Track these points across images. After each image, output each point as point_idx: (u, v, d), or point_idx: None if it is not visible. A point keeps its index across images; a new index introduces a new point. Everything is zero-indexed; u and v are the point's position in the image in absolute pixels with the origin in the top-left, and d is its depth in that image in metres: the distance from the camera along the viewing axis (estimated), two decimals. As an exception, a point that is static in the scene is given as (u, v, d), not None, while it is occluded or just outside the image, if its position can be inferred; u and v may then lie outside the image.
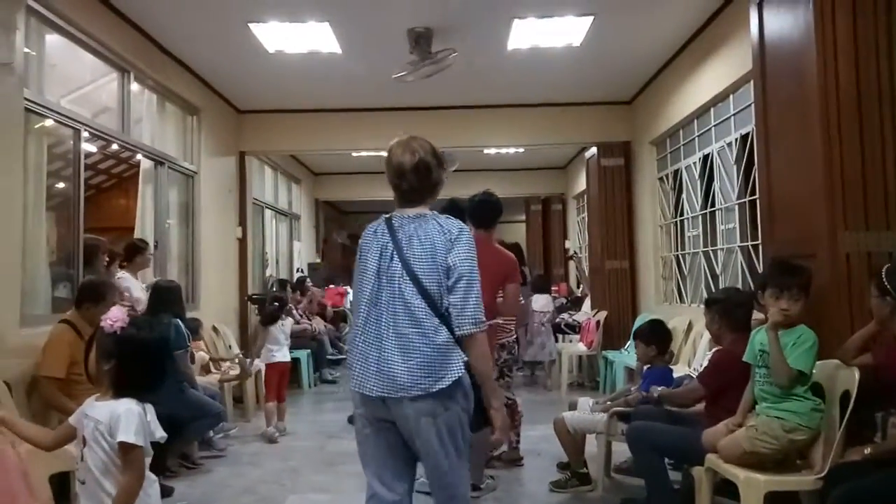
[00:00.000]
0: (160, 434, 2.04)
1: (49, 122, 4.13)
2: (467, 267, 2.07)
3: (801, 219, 3.02)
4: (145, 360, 2.05)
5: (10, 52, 3.42)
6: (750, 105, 4.71)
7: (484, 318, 2.09)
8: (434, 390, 2.00)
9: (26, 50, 3.76)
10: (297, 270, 10.00)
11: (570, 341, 7.44)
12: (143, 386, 2.03)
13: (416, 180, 2.17)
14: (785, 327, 2.59)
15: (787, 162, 3.13)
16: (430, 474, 2.10)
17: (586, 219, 8.75)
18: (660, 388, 3.40)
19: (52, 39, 4.26)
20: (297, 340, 6.46)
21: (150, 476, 2.04)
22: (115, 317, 2.05)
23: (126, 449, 1.91)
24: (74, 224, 4.34)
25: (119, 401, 1.96)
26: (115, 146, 6.90)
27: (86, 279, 3.97)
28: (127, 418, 1.92)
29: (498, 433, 2.17)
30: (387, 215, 2.22)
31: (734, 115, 5.05)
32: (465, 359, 2.05)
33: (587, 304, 7.86)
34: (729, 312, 3.10)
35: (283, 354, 5.25)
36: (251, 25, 4.93)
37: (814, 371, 2.58)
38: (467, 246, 2.10)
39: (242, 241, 7.33)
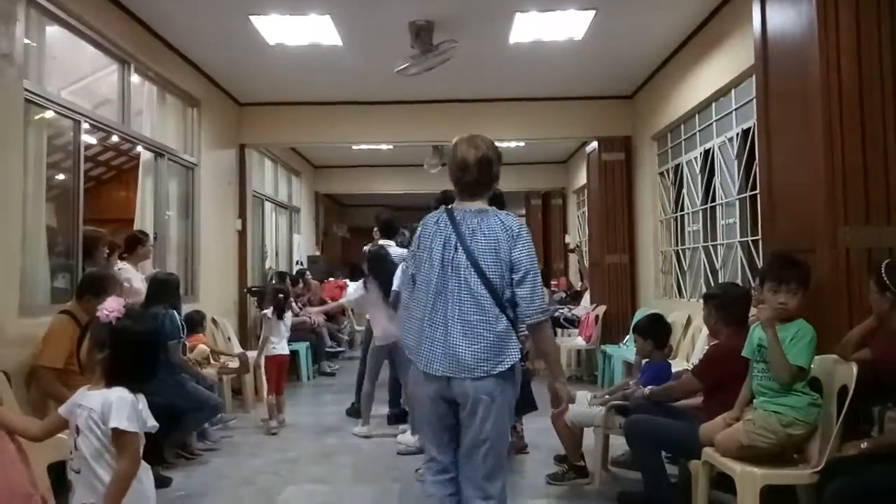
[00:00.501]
0: (152, 423, 2.06)
1: (49, 114, 4.12)
2: (531, 262, 2.30)
3: (802, 214, 3.02)
4: (138, 351, 2.08)
5: (10, 44, 3.41)
6: (752, 100, 4.70)
7: (548, 307, 2.34)
8: (494, 372, 2.24)
9: (26, 41, 3.75)
10: (297, 263, 10.01)
11: (569, 335, 7.46)
12: (135, 376, 2.06)
13: (479, 173, 2.36)
14: (783, 321, 2.59)
15: (788, 156, 3.13)
16: (471, 447, 2.28)
17: (586, 213, 8.75)
18: (647, 389, 3.39)
19: (52, 31, 4.24)
20: (296, 333, 6.45)
21: (144, 464, 2.06)
22: (110, 307, 2.07)
23: (118, 434, 1.95)
24: (74, 215, 4.34)
25: (111, 389, 1.99)
26: (114, 138, 6.89)
27: (88, 271, 3.97)
28: (119, 405, 1.95)
29: (564, 405, 2.46)
30: (447, 207, 2.40)
31: (736, 109, 5.04)
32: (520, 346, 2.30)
33: (586, 298, 7.88)
34: (725, 307, 3.11)
35: (282, 347, 5.25)
36: (252, 18, 4.91)
37: (812, 366, 2.59)
38: (528, 242, 2.32)
39: (242, 234, 7.33)
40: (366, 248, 5.29)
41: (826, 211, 2.84)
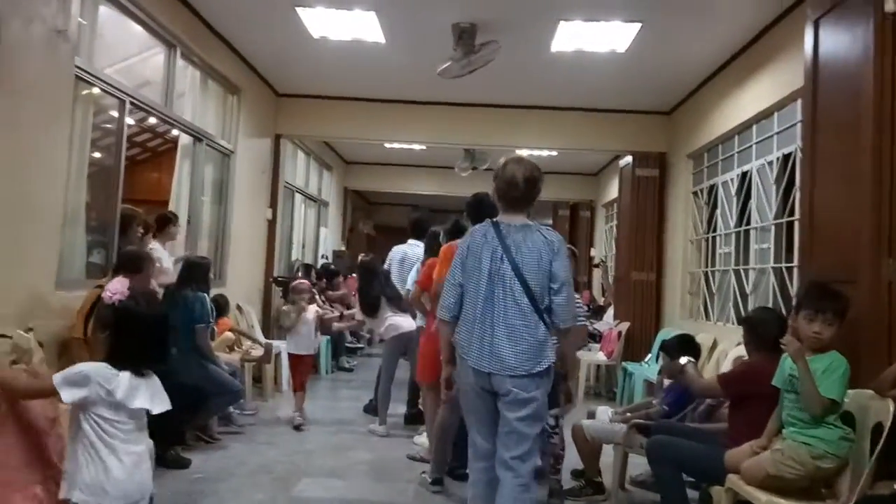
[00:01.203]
0: (140, 404, 2.09)
1: (95, 91, 4.19)
2: (567, 275, 2.60)
3: (844, 244, 2.95)
4: (140, 333, 2.11)
5: (65, 20, 3.48)
6: (795, 125, 4.64)
7: (580, 315, 2.71)
8: (533, 372, 2.53)
9: (80, 19, 3.83)
10: (322, 257, 10.07)
11: (590, 350, 7.40)
12: (137, 357, 2.09)
13: (525, 190, 2.64)
14: (815, 352, 2.53)
15: (833, 184, 3.07)
16: (507, 433, 2.57)
17: (615, 228, 8.68)
18: (687, 360, 3.30)
19: (102, 10, 4.32)
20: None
21: (116, 454, 2.03)
22: (114, 289, 2.13)
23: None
24: (113, 193, 4.42)
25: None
26: (152, 120, 7.01)
27: (126, 249, 4.03)
28: (76, 368, 2.03)
29: (572, 403, 3.01)
30: (492, 220, 2.68)
31: (777, 133, 4.97)
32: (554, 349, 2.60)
33: (609, 313, 7.81)
34: (754, 330, 3.05)
35: (305, 346, 5.13)
36: (298, 9, 4.96)
37: (845, 399, 2.53)
38: (565, 256, 2.62)
39: (272, 223, 7.40)
40: (361, 256, 5.36)
41: (871, 242, 2.77)
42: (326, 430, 4.99)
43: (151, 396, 2.13)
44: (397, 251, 5.57)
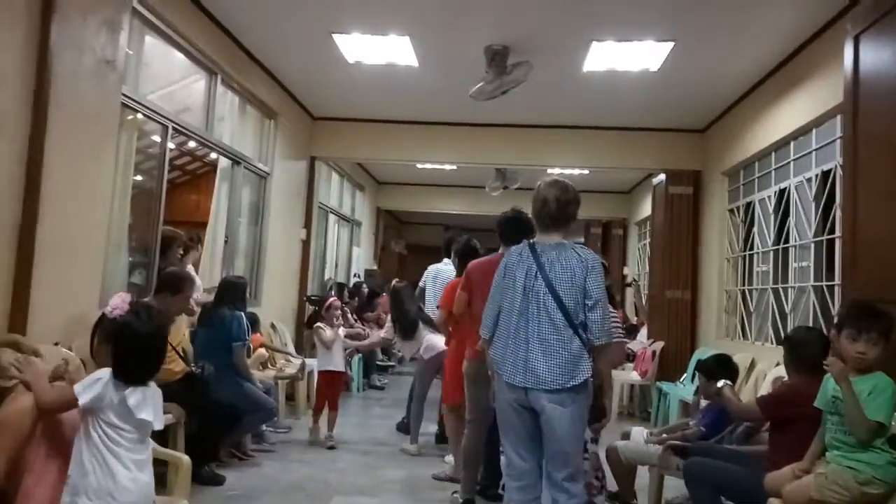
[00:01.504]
0: (144, 417, 2.11)
1: (140, 117, 4.35)
2: (601, 292, 2.62)
3: (888, 262, 2.88)
4: (137, 347, 2.14)
5: (114, 51, 3.64)
6: (834, 141, 4.56)
7: (614, 332, 2.74)
8: (568, 386, 2.54)
9: (127, 49, 3.99)
10: (354, 276, 10.17)
11: (624, 369, 7.29)
12: (133, 371, 2.12)
13: (557, 210, 2.71)
14: (859, 373, 2.46)
15: (876, 202, 3.01)
16: (552, 453, 2.59)
17: (647, 246, 8.59)
18: (724, 383, 3.24)
19: (148, 39, 4.50)
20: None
21: (123, 462, 2.08)
22: (115, 304, 2.20)
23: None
24: (155, 216, 4.56)
25: None
26: (191, 144, 7.22)
27: (168, 269, 4.15)
28: (94, 374, 2.09)
29: (606, 419, 2.93)
30: (529, 241, 2.76)
31: (816, 150, 4.88)
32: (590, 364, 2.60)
33: (643, 332, 7.70)
34: (796, 350, 2.98)
35: (334, 363, 5.13)
36: (335, 36, 5.08)
37: (893, 423, 2.45)
38: (599, 274, 2.66)
39: (306, 244, 7.52)
40: (395, 281, 5.46)
41: (916, 261, 2.71)
42: (358, 448, 5.01)
43: (155, 410, 2.18)
44: (432, 269, 5.67)
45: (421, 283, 5.65)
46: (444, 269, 5.43)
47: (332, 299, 5.54)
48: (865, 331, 2.47)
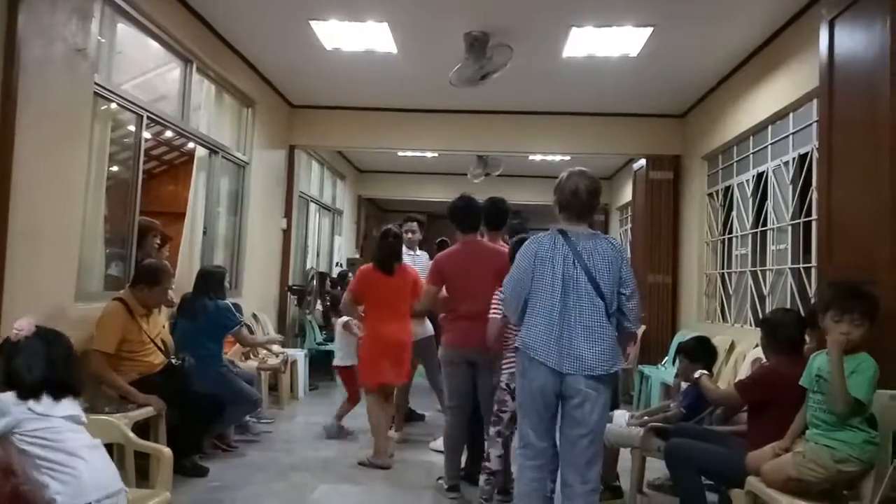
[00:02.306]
0: (62, 412, 2.12)
1: (113, 107, 4.27)
2: (633, 279, 2.76)
3: (863, 243, 2.92)
4: (41, 368, 2.15)
5: (85, 39, 3.56)
6: (811, 124, 4.60)
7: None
8: (610, 371, 2.66)
9: (99, 37, 3.90)
10: (337, 265, 10.13)
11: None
12: (37, 392, 2.11)
13: (587, 200, 2.79)
14: (845, 353, 2.48)
15: (850, 184, 3.04)
16: (577, 437, 2.67)
17: (629, 231, 8.65)
18: (700, 373, 3.28)
19: (119, 27, 4.40)
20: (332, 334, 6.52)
21: (80, 453, 2.10)
22: (20, 326, 2.20)
23: None
24: (131, 207, 4.48)
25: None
26: (168, 133, 7.11)
27: (145, 262, 4.10)
28: None
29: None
30: (558, 229, 2.80)
31: (793, 133, 4.93)
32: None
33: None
34: (775, 333, 3.02)
35: (340, 358, 5.12)
36: (312, 22, 5.02)
37: (868, 401, 2.49)
38: (628, 262, 2.81)
39: (287, 233, 7.46)
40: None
41: (890, 241, 2.74)
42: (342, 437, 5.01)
43: (75, 407, 2.20)
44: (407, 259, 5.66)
45: None
46: (412, 262, 5.49)
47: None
48: (849, 311, 2.51)
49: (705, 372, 3.30)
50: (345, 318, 4.93)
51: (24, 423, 2.07)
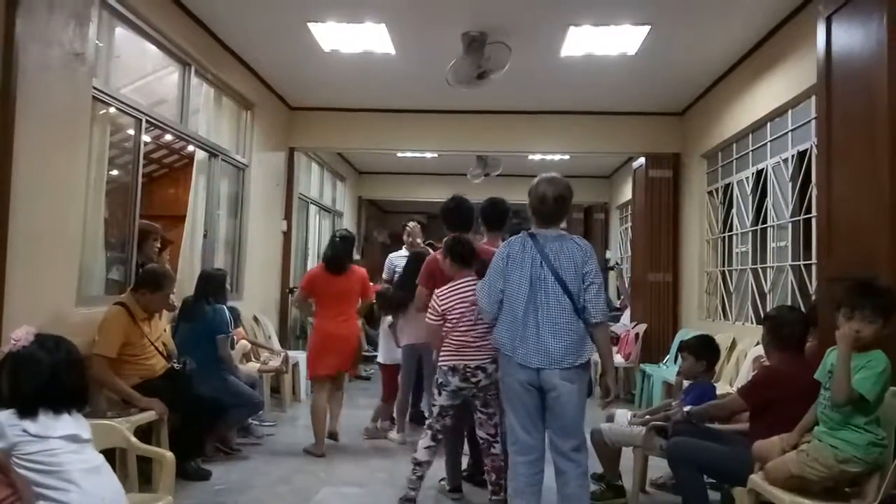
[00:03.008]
0: (62, 432, 2.01)
1: (112, 111, 4.27)
2: (597, 275, 2.87)
3: (862, 240, 2.92)
4: (39, 380, 2.04)
5: (83, 43, 3.56)
6: (809, 121, 4.60)
7: (608, 312, 3.04)
8: (577, 364, 2.80)
9: (97, 41, 3.91)
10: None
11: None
12: (31, 405, 2.01)
13: (554, 207, 2.93)
14: (857, 350, 2.43)
15: (850, 180, 3.04)
16: (559, 426, 2.83)
17: (629, 229, 8.65)
18: (687, 408, 3.32)
19: (117, 31, 4.41)
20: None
21: (75, 480, 1.99)
22: (17, 336, 2.10)
23: None
24: (131, 210, 4.49)
25: None
26: (167, 136, 7.12)
27: (149, 266, 4.10)
28: None
29: (611, 396, 3.01)
30: (528, 232, 2.96)
31: (792, 130, 4.93)
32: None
33: (626, 315, 7.76)
34: (778, 330, 3.00)
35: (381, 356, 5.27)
36: (310, 24, 5.02)
37: (877, 400, 2.41)
38: (595, 260, 2.92)
39: (287, 235, 7.47)
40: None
41: (889, 237, 2.73)
42: (345, 438, 5.01)
43: (76, 423, 2.07)
44: (395, 258, 5.84)
45: (385, 275, 5.71)
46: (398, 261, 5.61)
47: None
48: (859, 308, 2.44)
49: (690, 408, 3.29)
50: (390, 319, 5.00)
51: (20, 445, 1.96)
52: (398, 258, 5.62)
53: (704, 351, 3.58)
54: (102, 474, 2.07)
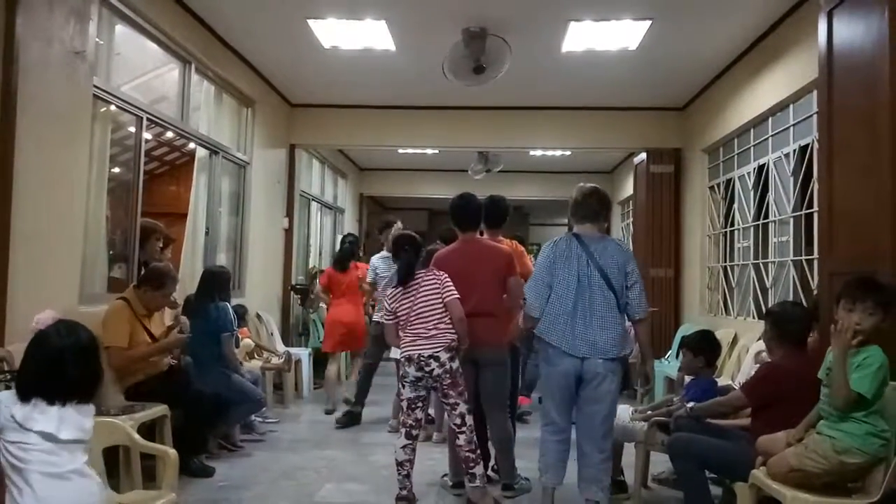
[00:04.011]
0: (39, 428, 1.96)
1: (113, 109, 4.28)
2: (638, 275, 3.18)
3: (864, 234, 2.91)
4: (44, 359, 2.01)
5: (83, 41, 3.56)
6: (811, 116, 4.59)
7: (648, 308, 3.25)
8: (620, 355, 3.11)
9: (97, 39, 3.91)
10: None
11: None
12: (33, 383, 1.99)
13: (584, 202, 3.24)
14: (855, 346, 2.43)
15: (851, 175, 3.03)
16: (593, 413, 3.10)
17: (631, 225, 8.64)
18: (690, 405, 3.33)
19: (118, 28, 4.41)
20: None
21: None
22: (41, 318, 2.13)
23: None
24: (132, 208, 4.49)
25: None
26: (169, 134, 7.12)
27: (153, 265, 4.12)
28: None
29: (651, 383, 3.40)
30: (573, 233, 3.25)
31: (794, 125, 4.92)
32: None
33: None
34: (781, 326, 3.00)
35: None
36: (310, 21, 5.01)
37: (876, 396, 2.41)
38: (635, 260, 3.21)
39: (288, 232, 7.47)
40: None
41: (890, 232, 2.73)
42: (347, 434, 5.03)
43: (60, 421, 1.98)
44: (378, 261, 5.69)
45: (370, 277, 5.63)
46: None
47: None
48: (860, 300, 2.46)
49: (692, 405, 3.30)
50: None
51: (6, 430, 1.94)
52: (379, 259, 5.59)
53: (702, 347, 3.58)
54: (70, 481, 1.97)
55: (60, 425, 1.98)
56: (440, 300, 3.40)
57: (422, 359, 3.36)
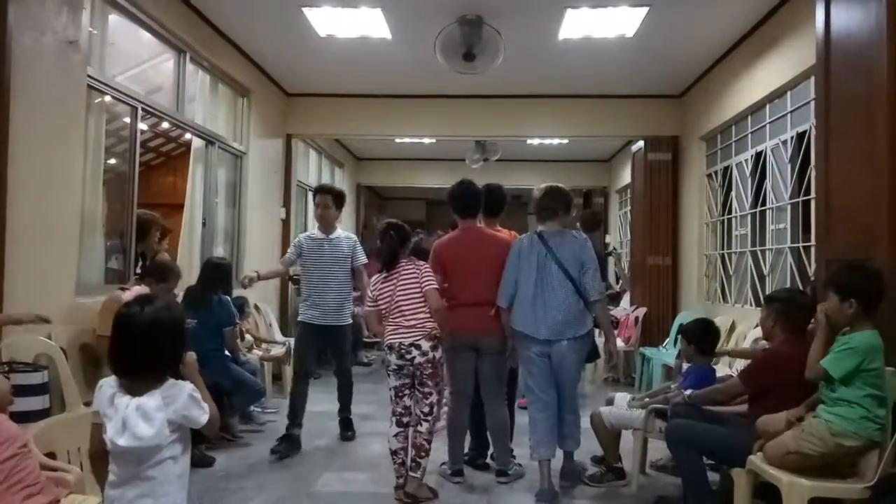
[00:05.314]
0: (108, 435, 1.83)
1: (108, 99, 4.25)
2: (592, 261, 3.52)
3: (861, 221, 2.92)
4: (125, 336, 1.86)
5: (76, 31, 3.53)
6: (808, 102, 4.58)
7: (603, 290, 3.68)
8: (578, 335, 3.48)
9: (90, 29, 3.88)
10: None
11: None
12: (119, 362, 1.86)
13: (543, 201, 3.62)
14: (850, 330, 2.53)
15: (848, 162, 3.03)
16: (564, 384, 3.54)
17: (629, 213, 8.64)
18: (688, 392, 3.34)
19: (111, 18, 4.37)
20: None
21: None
22: (128, 296, 2.06)
23: None
24: (129, 199, 4.48)
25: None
26: (164, 124, 7.10)
27: (158, 259, 4.11)
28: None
29: (615, 359, 4.03)
30: (537, 231, 3.60)
31: (791, 112, 4.90)
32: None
33: (626, 299, 7.78)
34: (787, 313, 2.98)
35: None
36: (305, 9, 4.97)
37: (845, 375, 2.47)
38: (590, 249, 3.56)
39: (286, 223, 7.45)
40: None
41: (887, 218, 2.74)
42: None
43: (124, 423, 1.79)
44: None
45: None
46: None
47: None
48: (829, 287, 2.59)
49: (689, 391, 3.32)
50: None
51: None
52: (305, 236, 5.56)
53: (700, 334, 3.60)
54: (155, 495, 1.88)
55: (125, 429, 1.80)
56: (419, 289, 3.40)
57: (402, 347, 3.37)
